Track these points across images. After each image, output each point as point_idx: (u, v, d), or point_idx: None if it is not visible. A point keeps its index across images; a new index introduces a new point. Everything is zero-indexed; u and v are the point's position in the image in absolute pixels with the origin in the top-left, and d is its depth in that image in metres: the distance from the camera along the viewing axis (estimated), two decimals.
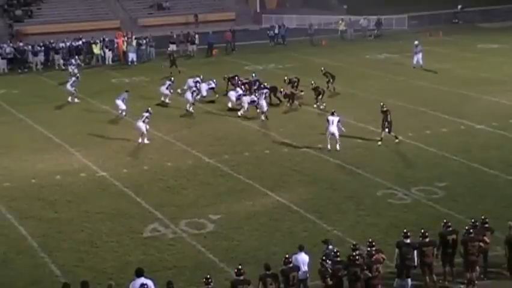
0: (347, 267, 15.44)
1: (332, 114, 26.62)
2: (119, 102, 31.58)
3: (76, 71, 38.13)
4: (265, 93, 31.64)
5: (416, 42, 41.73)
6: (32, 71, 43.49)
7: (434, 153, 26.17)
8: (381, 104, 27.84)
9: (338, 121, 26.42)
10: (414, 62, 41.34)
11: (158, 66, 41.90)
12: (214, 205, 21.78)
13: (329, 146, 26.38)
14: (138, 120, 28.04)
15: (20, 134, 29.85)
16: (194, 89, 33.13)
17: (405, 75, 39.43)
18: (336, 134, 26.29)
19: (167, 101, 33.91)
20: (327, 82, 34.58)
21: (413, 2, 58.55)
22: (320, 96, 32.34)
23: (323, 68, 35.61)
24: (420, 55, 41.24)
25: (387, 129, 27.12)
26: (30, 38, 49.38)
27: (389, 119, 27.07)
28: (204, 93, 34.11)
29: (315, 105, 32.31)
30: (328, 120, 26.43)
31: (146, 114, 28.03)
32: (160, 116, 30.97)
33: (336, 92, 34.90)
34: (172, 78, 35.11)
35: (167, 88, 33.81)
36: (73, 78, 35.23)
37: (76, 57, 43.49)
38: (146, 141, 27.79)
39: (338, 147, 26.27)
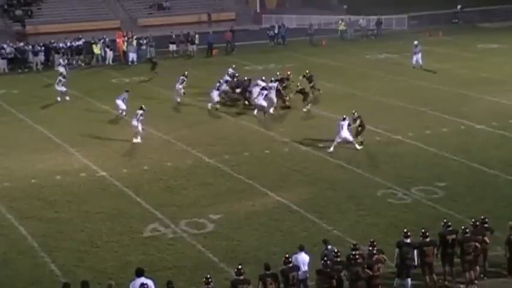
0: (348, 266, 15.46)
1: (344, 119, 26.26)
2: (119, 102, 31.58)
3: (61, 69, 38.00)
4: (265, 94, 31.37)
5: (415, 42, 41.70)
6: (32, 71, 43.48)
7: (434, 153, 26.16)
8: (353, 112, 27.08)
9: (348, 125, 26.29)
10: (414, 62, 41.31)
11: (158, 67, 41.86)
12: (214, 205, 21.78)
13: (331, 149, 26.22)
14: (133, 118, 28.03)
15: (20, 134, 29.84)
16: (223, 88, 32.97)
17: (405, 75, 39.42)
18: (349, 137, 26.21)
19: (178, 100, 33.78)
20: (311, 87, 33.50)
21: (413, 2, 58.57)
22: (307, 98, 31.97)
23: (307, 71, 34.37)
24: (419, 55, 41.20)
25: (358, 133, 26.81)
26: (30, 38, 49.42)
27: (362, 124, 26.69)
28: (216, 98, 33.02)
29: (304, 109, 31.92)
30: (339, 125, 26.22)
31: (140, 112, 28.01)
32: (160, 116, 30.97)
33: (320, 92, 34.07)
34: (186, 73, 34.80)
35: (181, 83, 33.73)
36: (59, 78, 35.15)
37: (64, 56, 43.14)
38: (138, 139, 27.69)
39: (357, 146, 26.30)
